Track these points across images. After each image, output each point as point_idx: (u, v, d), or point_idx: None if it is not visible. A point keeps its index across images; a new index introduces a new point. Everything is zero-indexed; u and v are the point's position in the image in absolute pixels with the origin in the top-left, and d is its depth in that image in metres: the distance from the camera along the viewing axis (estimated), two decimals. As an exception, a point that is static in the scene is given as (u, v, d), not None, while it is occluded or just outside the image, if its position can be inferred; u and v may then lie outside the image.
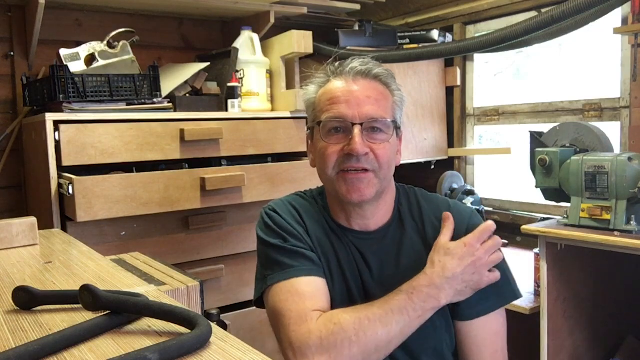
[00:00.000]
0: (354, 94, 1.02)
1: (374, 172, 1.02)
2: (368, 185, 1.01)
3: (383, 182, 1.04)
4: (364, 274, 1.07)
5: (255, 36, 2.29)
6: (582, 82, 2.37)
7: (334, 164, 1.02)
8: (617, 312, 2.00)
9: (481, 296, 1.04)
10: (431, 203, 1.14)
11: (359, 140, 0.99)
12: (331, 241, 1.08)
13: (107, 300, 0.63)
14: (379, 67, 1.07)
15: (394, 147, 1.06)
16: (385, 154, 1.02)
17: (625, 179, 1.61)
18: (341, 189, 1.02)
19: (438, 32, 2.54)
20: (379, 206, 1.08)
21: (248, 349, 0.56)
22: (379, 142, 1.02)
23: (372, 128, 1.01)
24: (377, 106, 1.02)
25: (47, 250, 1.07)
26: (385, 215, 1.10)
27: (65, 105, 1.78)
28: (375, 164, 1.01)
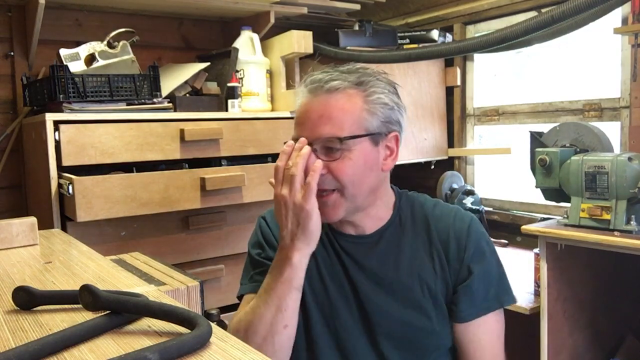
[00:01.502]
0: (308, 114, 1.02)
1: (338, 192, 1.00)
2: (333, 207, 1.01)
3: (353, 199, 1.02)
4: (356, 277, 1.07)
5: (255, 36, 2.29)
6: (582, 82, 2.37)
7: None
8: (617, 312, 2.00)
9: (481, 297, 1.06)
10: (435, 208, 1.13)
11: (313, 159, 0.98)
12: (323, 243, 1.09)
13: (107, 300, 0.63)
14: (340, 76, 1.03)
15: (363, 160, 1.00)
16: (345, 171, 0.99)
17: (625, 179, 1.61)
18: (321, 212, 1.02)
19: (438, 32, 2.54)
20: (368, 214, 1.08)
21: (248, 349, 0.56)
22: (336, 160, 0.99)
23: (327, 147, 0.99)
24: (329, 124, 0.99)
25: (47, 250, 1.07)
26: (379, 220, 1.10)
27: (65, 105, 1.78)
28: (336, 183, 0.99)
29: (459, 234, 1.08)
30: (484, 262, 1.08)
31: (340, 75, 1.03)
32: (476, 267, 1.07)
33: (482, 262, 1.08)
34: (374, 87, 1.04)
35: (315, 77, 1.05)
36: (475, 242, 1.08)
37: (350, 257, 1.08)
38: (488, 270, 1.09)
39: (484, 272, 1.07)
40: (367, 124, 1.01)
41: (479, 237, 1.10)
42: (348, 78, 1.02)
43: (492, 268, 1.10)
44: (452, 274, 1.07)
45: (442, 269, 1.07)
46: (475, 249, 1.08)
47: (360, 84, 1.03)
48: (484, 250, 1.09)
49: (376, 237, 1.09)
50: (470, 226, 1.10)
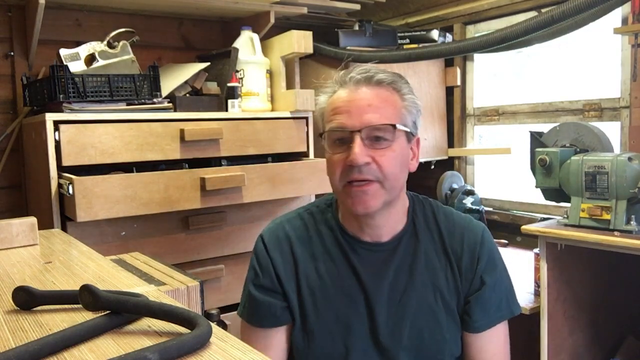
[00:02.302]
0: (355, 102, 1.01)
1: (379, 183, 1.00)
2: (373, 197, 1.00)
3: (391, 191, 1.02)
4: (370, 287, 1.06)
5: (255, 36, 2.29)
6: (582, 82, 2.37)
7: (339, 175, 1.01)
8: (617, 312, 2.00)
9: (494, 307, 1.08)
10: (448, 217, 1.14)
11: (358, 150, 0.97)
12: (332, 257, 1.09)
13: (107, 300, 0.63)
14: (383, 73, 1.05)
15: (401, 154, 1.03)
16: (389, 162, 1.00)
17: (625, 179, 1.61)
18: (347, 201, 1.02)
19: (438, 32, 2.54)
20: (390, 215, 1.07)
21: (248, 349, 0.56)
22: (381, 149, 0.99)
23: (375, 137, 0.99)
24: (378, 113, 0.99)
25: (47, 250, 1.07)
26: (397, 224, 1.09)
27: (65, 105, 1.78)
28: (379, 173, 0.99)
29: (472, 245, 1.09)
30: (496, 272, 1.10)
31: (382, 71, 1.05)
32: (489, 278, 1.08)
33: (494, 273, 1.09)
34: (406, 88, 1.07)
35: (361, 68, 1.05)
36: (487, 253, 1.10)
37: (366, 267, 1.07)
38: (500, 280, 1.10)
39: (496, 282, 1.09)
40: (405, 121, 1.04)
41: (492, 248, 1.12)
42: (388, 76, 1.05)
43: (504, 278, 1.12)
44: (465, 284, 1.08)
45: (454, 279, 1.08)
46: (488, 259, 1.09)
47: (395, 83, 1.05)
48: (496, 261, 1.11)
49: (394, 244, 1.09)
50: (483, 237, 1.11)
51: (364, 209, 1.00)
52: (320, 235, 1.11)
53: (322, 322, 1.06)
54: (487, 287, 1.07)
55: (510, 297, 1.12)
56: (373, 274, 1.06)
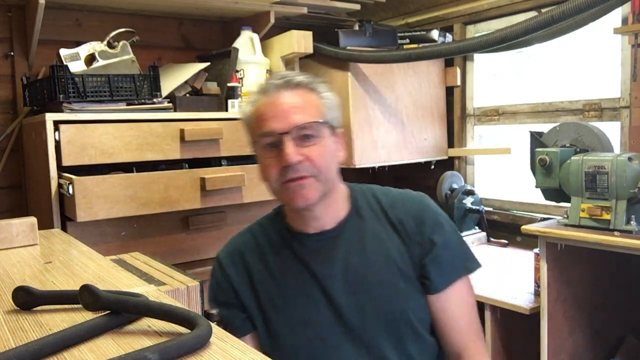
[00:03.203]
0: (279, 107, 1.06)
1: (314, 177, 1.05)
2: (310, 190, 1.05)
3: (326, 183, 1.07)
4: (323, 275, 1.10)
5: (255, 36, 2.29)
6: (582, 82, 2.37)
7: (275, 177, 1.06)
8: (617, 312, 2.00)
9: (448, 265, 1.12)
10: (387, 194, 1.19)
11: (290, 150, 1.02)
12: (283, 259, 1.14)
13: (107, 300, 0.63)
14: (301, 76, 1.11)
15: (330, 147, 1.09)
16: (321, 156, 1.05)
17: (625, 179, 1.61)
18: (287, 198, 1.08)
19: (438, 32, 2.54)
20: (330, 205, 1.11)
21: (248, 349, 0.56)
22: (311, 146, 1.05)
23: (303, 135, 1.05)
24: (302, 113, 1.05)
25: (47, 250, 1.07)
26: (339, 211, 1.14)
27: (65, 105, 1.78)
28: (313, 168, 1.05)
29: (414, 211, 1.14)
30: (443, 232, 1.13)
31: (299, 75, 1.12)
32: (437, 237, 1.11)
33: (442, 233, 1.12)
34: (323, 87, 1.13)
35: (280, 74, 1.14)
36: (431, 215, 1.14)
37: (315, 257, 1.11)
38: (449, 239, 1.13)
39: (445, 241, 1.12)
40: (327, 116, 1.10)
41: (435, 211, 1.16)
42: (305, 78, 1.12)
43: (453, 237, 1.15)
44: (416, 248, 1.11)
45: (405, 246, 1.11)
46: (432, 221, 1.13)
47: (312, 83, 1.11)
48: (442, 221, 1.14)
49: (339, 229, 1.13)
50: (423, 202, 1.17)
51: (303, 202, 1.06)
52: (270, 241, 1.17)
53: (286, 323, 1.10)
54: (438, 246, 1.10)
55: (465, 254, 1.15)
56: (323, 262, 1.11)
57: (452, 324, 1.12)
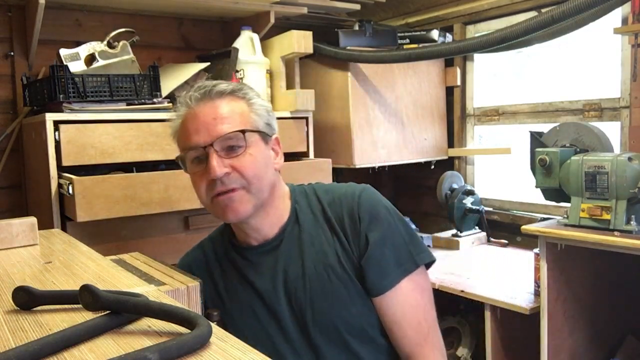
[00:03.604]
0: (201, 119, 1.02)
1: (243, 189, 1.01)
2: (240, 203, 1.01)
3: (258, 194, 1.03)
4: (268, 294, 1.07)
5: (255, 36, 2.29)
6: (582, 82, 2.37)
7: (204, 192, 1.03)
8: (617, 312, 2.00)
9: (389, 264, 1.04)
10: (329, 191, 1.13)
11: (215, 163, 0.98)
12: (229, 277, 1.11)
13: (107, 300, 0.63)
14: (223, 84, 1.06)
15: (260, 156, 1.04)
16: (249, 167, 1.01)
17: (625, 179, 1.61)
18: (218, 212, 1.04)
19: (438, 32, 2.54)
20: (268, 213, 1.08)
21: (248, 349, 0.56)
22: (237, 157, 1.01)
23: (228, 146, 1.01)
24: (225, 123, 1.01)
25: (47, 250, 1.07)
26: (280, 219, 1.10)
27: (65, 105, 1.78)
28: (242, 180, 1.01)
29: (350, 207, 1.07)
30: (381, 227, 1.05)
31: (221, 83, 1.07)
32: (374, 235, 1.04)
33: (379, 228, 1.05)
34: (250, 94, 1.08)
35: (200, 85, 1.06)
36: (367, 210, 1.06)
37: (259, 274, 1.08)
38: (389, 234, 1.05)
39: (384, 237, 1.04)
40: (256, 124, 1.05)
41: (372, 204, 1.08)
42: (228, 86, 1.06)
43: (395, 230, 1.06)
44: (354, 248, 1.05)
45: (343, 248, 1.06)
46: (369, 216, 1.06)
47: (238, 91, 1.06)
48: (379, 215, 1.06)
49: (279, 238, 1.09)
50: (361, 196, 1.08)
51: (234, 216, 1.02)
52: (217, 257, 1.15)
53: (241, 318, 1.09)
54: (373, 245, 1.03)
55: (411, 247, 1.06)
56: (264, 276, 1.08)
57: (395, 327, 1.05)
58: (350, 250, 1.05)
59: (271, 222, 1.09)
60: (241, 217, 1.03)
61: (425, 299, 1.07)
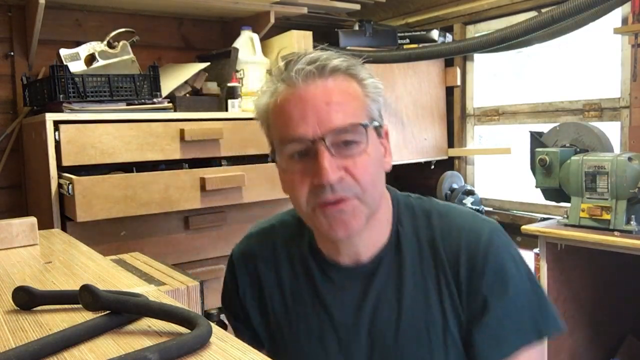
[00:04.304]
0: (309, 103, 0.77)
1: (357, 198, 0.78)
2: (354, 216, 0.79)
3: (372, 204, 0.81)
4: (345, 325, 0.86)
5: (255, 36, 2.29)
6: (582, 82, 2.37)
7: (305, 198, 0.79)
8: (617, 312, 2.00)
9: (507, 335, 0.81)
10: (444, 216, 0.88)
11: (328, 165, 0.75)
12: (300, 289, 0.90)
13: (107, 300, 0.63)
14: (336, 58, 0.80)
15: (376, 155, 0.81)
16: (366, 170, 0.78)
17: (625, 179, 1.61)
18: (322, 226, 0.80)
19: (438, 32, 2.54)
20: (373, 229, 0.85)
21: (248, 349, 0.56)
22: (353, 157, 0.77)
23: (343, 142, 0.77)
24: (342, 112, 0.77)
25: (47, 250, 1.07)
26: (380, 236, 0.86)
27: (65, 105, 1.77)
28: (356, 187, 0.77)
29: (472, 251, 0.82)
30: (507, 293, 0.81)
31: (334, 56, 0.81)
32: (495, 302, 0.81)
33: (504, 294, 0.81)
34: (364, 72, 0.83)
35: (310, 57, 0.80)
36: (494, 267, 0.82)
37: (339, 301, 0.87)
38: (514, 301, 0.82)
39: (506, 307, 0.81)
40: (373, 113, 0.82)
41: (502, 259, 0.83)
42: (343, 61, 0.81)
43: (521, 296, 0.82)
44: (465, 305, 0.83)
45: (452, 300, 0.83)
46: (495, 275, 0.81)
47: (352, 67, 0.82)
48: (507, 276, 0.82)
49: (375, 264, 0.86)
50: (490, 239, 0.83)
51: (345, 232, 0.79)
52: (290, 256, 0.92)
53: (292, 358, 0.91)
54: (493, 314, 0.81)
55: (538, 313, 0.83)
56: (349, 310, 0.86)
57: None
58: (460, 305, 0.83)
59: (370, 239, 0.85)
60: (351, 233, 0.80)
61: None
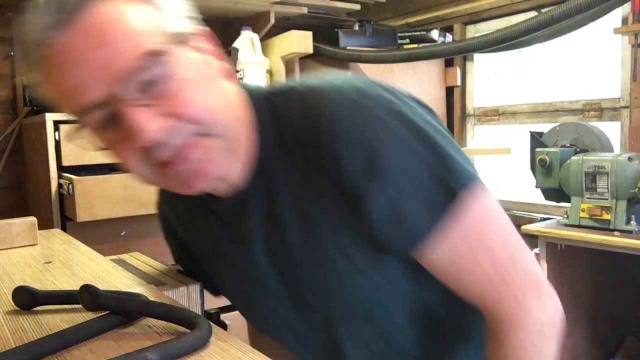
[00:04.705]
0: (79, 57, 0.56)
1: (203, 135, 0.60)
2: (209, 161, 0.62)
3: (227, 131, 0.63)
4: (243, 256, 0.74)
5: (255, 36, 2.29)
6: (582, 82, 2.37)
7: (140, 166, 0.61)
8: (617, 312, 2.00)
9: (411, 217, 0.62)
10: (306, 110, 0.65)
11: (139, 121, 0.57)
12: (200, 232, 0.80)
13: (107, 300, 0.63)
14: None
15: (194, 74, 0.60)
16: (190, 100, 0.59)
17: (625, 179, 1.61)
18: (172, 187, 0.65)
19: (438, 32, 2.54)
20: (238, 152, 0.67)
21: (248, 349, 0.56)
22: (165, 94, 0.58)
23: (143, 83, 0.57)
24: (125, 48, 0.56)
25: (47, 250, 1.07)
26: (247, 156, 0.68)
27: (65, 105, 1.77)
28: (191, 125, 0.59)
29: (333, 144, 0.62)
30: (391, 176, 0.61)
31: None
32: (380, 191, 0.61)
33: (388, 178, 0.61)
34: None
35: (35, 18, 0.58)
36: (363, 153, 0.61)
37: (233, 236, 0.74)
38: (403, 182, 0.61)
39: (398, 190, 0.61)
40: (165, 26, 0.61)
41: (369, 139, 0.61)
42: None
43: (413, 170, 0.62)
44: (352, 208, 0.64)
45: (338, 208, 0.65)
46: (367, 162, 0.61)
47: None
48: (382, 158, 0.61)
49: (246, 192, 0.69)
50: (352, 121, 0.62)
51: (202, 183, 0.64)
52: (187, 207, 0.81)
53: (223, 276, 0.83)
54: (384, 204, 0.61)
55: (444, 175, 0.62)
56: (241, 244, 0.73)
57: (459, 288, 0.66)
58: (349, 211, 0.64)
59: (240, 160, 0.67)
60: (214, 177, 0.65)
61: (493, 230, 0.67)
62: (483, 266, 0.65)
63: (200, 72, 0.62)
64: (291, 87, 0.69)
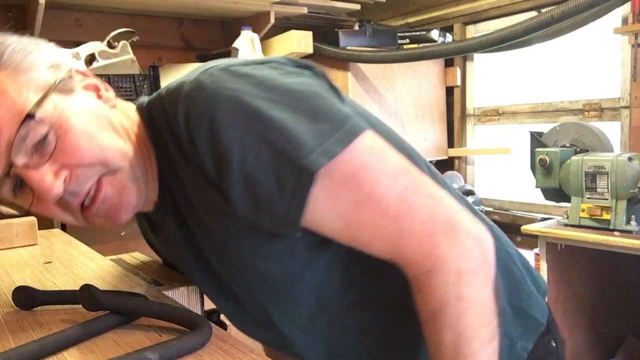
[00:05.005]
0: None
1: (107, 174, 0.64)
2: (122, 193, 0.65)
3: (125, 161, 0.65)
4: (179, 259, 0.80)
5: (255, 36, 2.29)
6: (582, 82, 2.37)
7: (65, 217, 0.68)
8: (617, 312, 2.00)
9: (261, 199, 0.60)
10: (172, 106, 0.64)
11: (40, 181, 0.60)
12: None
13: (107, 300, 0.63)
14: None
15: (80, 114, 0.62)
16: (81, 144, 0.61)
17: (625, 179, 1.61)
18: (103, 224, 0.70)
19: (438, 32, 2.55)
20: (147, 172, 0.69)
21: (248, 349, 0.56)
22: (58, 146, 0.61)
23: (33, 145, 0.60)
24: (4, 124, 0.59)
25: (47, 250, 1.07)
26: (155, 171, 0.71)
27: (65, 105, 1.78)
28: (94, 168, 0.62)
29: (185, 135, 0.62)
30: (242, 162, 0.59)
31: None
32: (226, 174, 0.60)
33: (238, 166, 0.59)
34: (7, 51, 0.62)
35: None
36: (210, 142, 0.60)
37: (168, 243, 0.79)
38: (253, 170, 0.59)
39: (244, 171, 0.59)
40: (36, 82, 0.61)
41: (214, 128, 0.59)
42: None
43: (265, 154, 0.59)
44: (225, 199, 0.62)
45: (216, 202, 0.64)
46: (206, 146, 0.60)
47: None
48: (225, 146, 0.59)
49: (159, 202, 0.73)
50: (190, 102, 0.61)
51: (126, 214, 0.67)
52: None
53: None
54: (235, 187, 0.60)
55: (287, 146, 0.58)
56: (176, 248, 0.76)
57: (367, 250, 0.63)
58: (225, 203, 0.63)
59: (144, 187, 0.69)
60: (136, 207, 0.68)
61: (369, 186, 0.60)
62: (374, 221, 0.60)
63: (86, 112, 0.64)
64: (159, 91, 0.70)
